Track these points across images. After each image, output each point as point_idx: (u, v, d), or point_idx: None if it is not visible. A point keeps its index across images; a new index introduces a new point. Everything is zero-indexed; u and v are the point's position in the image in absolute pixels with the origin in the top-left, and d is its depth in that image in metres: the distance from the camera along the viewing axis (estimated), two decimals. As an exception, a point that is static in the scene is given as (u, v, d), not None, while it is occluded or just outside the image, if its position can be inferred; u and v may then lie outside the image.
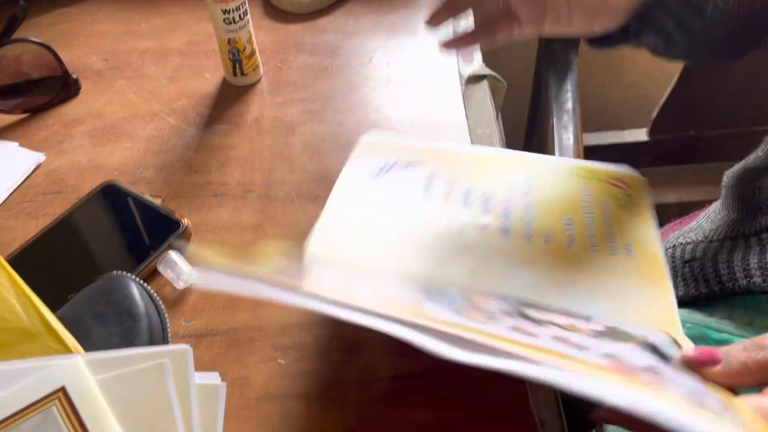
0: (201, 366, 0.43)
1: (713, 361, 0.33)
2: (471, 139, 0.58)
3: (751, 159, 0.58)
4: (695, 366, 0.33)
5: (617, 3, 0.48)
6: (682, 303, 0.51)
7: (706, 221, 0.59)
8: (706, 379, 0.32)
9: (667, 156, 1.14)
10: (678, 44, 0.50)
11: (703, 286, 0.51)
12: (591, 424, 0.51)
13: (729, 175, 0.58)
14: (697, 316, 0.50)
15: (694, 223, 0.60)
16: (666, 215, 1.11)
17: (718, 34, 0.51)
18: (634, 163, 1.16)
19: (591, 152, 1.09)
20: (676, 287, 0.52)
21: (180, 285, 0.47)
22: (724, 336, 0.47)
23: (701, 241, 0.53)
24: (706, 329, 0.48)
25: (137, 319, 0.39)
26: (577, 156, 0.79)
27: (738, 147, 1.11)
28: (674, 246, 0.57)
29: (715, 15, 0.49)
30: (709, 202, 0.69)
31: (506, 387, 0.42)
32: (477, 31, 0.51)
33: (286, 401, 0.41)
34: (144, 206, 0.52)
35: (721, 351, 0.33)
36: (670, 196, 1.15)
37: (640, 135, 1.11)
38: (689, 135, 1.05)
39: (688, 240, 0.55)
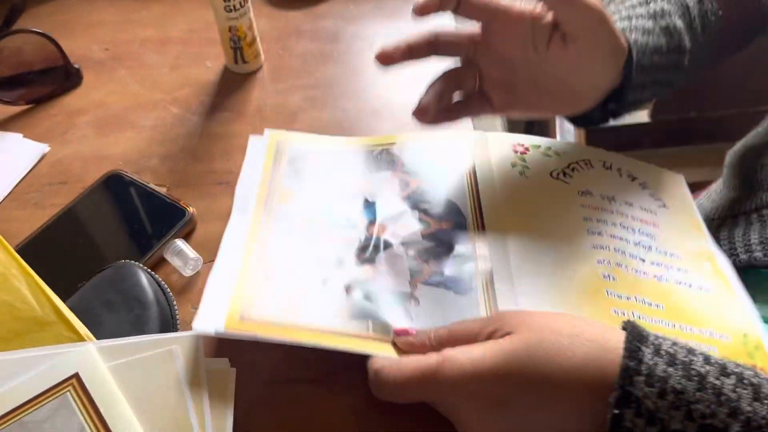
0: (210, 351, 0.44)
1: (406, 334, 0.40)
2: (473, 122, 0.58)
3: (751, 136, 0.58)
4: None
5: (584, 92, 0.49)
6: None
7: (707, 201, 0.59)
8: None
9: (669, 138, 1.14)
10: (672, 86, 0.51)
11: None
12: None
13: (731, 154, 0.58)
14: None
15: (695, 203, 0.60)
16: (668, 197, 1.12)
17: (711, 50, 0.51)
18: (635, 146, 1.16)
19: (592, 134, 1.09)
20: None
21: (187, 272, 0.48)
22: None
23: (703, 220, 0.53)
24: None
25: (146, 307, 0.40)
26: (578, 138, 0.79)
27: (740, 127, 1.11)
28: None
29: (698, 43, 0.49)
30: (711, 182, 0.69)
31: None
32: (452, 110, 0.52)
33: (295, 385, 0.42)
34: (149, 195, 0.52)
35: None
36: (672, 178, 1.15)
37: (642, 116, 1.11)
38: (691, 116, 1.05)
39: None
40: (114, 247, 0.49)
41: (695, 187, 0.70)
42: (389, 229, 0.47)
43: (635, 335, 0.33)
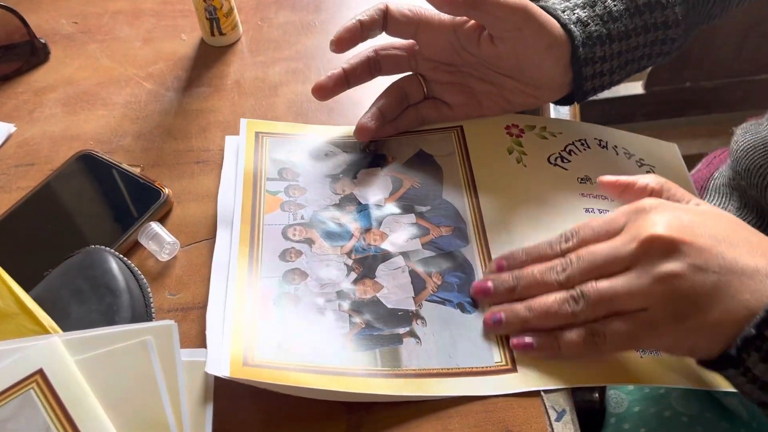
0: (188, 341, 0.41)
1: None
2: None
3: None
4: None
5: (541, 84, 0.48)
6: None
7: (719, 204, 0.56)
8: None
9: (663, 109, 1.11)
10: (664, 57, 0.50)
11: None
12: (601, 418, 0.50)
13: (738, 141, 0.54)
14: None
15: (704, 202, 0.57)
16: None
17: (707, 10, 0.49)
18: (629, 118, 1.14)
19: (585, 107, 1.07)
20: None
21: (163, 257, 0.45)
22: None
23: None
24: None
25: (117, 295, 0.37)
26: (573, 111, 0.77)
27: (736, 98, 1.09)
28: None
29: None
30: (706, 155, 0.67)
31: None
32: (403, 117, 0.51)
33: (279, 374, 0.40)
34: (122, 176, 0.49)
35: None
36: (666, 150, 1.13)
37: (636, 88, 1.09)
38: (686, 86, 1.03)
39: None
40: (85, 231, 0.46)
41: (688, 160, 0.68)
42: (386, 236, 0.45)
43: None
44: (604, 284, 0.36)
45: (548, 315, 0.37)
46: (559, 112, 0.70)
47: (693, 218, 0.35)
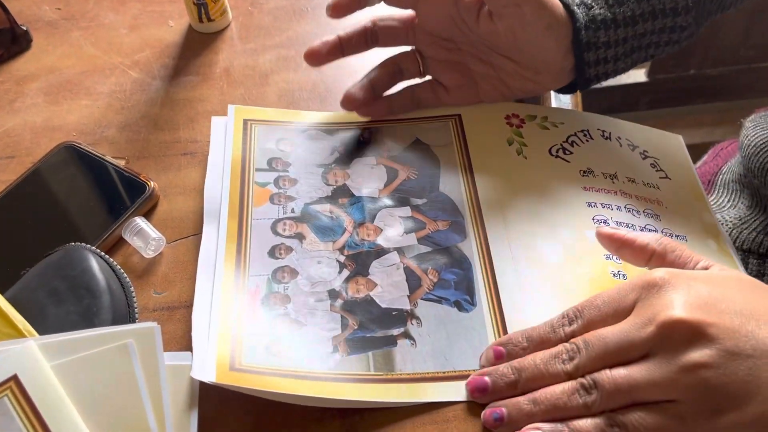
0: (174, 341, 0.40)
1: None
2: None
3: None
4: None
5: (539, 68, 0.46)
6: None
7: (728, 201, 0.53)
8: None
9: (667, 97, 1.09)
10: (677, 44, 0.47)
11: None
12: None
13: (749, 135, 0.51)
14: None
15: (712, 197, 0.54)
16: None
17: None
18: (632, 107, 1.11)
19: (588, 95, 1.04)
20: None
21: (149, 254, 0.43)
22: None
23: None
24: None
25: (97, 296, 0.35)
26: (575, 100, 0.75)
27: (742, 85, 1.06)
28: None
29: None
30: (710, 144, 0.65)
31: (507, 352, 0.38)
32: (396, 97, 0.49)
33: (269, 376, 0.38)
34: (106, 169, 0.47)
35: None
36: (669, 140, 1.11)
37: (639, 76, 1.06)
38: (690, 74, 1.00)
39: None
40: (66, 228, 0.44)
41: (693, 150, 0.66)
42: (380, 231, 0.43)
43: None
44: (620, 372, 0.31)
45: (557, 408, 0.32)
46: (561, 101, 0.68)
47: (713, 292, 0.32)
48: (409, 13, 0.48)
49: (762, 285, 0.34)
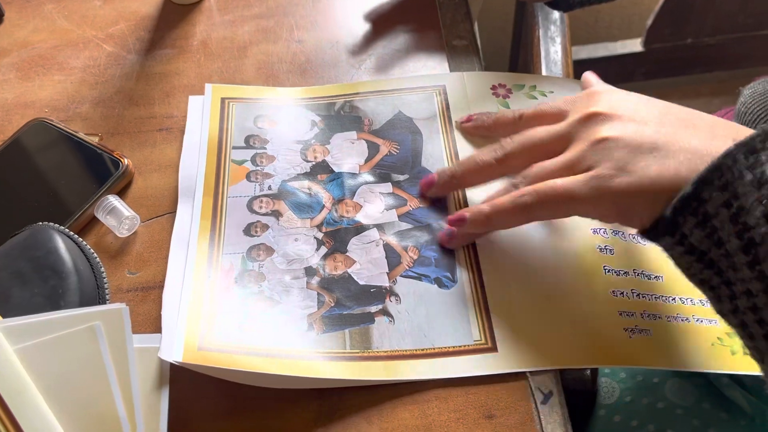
0: (148, 323, 0.39)
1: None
2: (447, 52, 0.51)
3: None
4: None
5: None
6: None
7: None
8: None
9: (663, 67, 1.07)
10: None
11: None
12: (594, 401, 0.47)
13: (746, 102, 0.49)
14: None
15: None
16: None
17: None
18: (627, 77, 1.09)
19: (582, 66, 1.02)
20: None
21: (122, 233, 0.42)
22: None
23: None
24: None
25: (63, 277, 0.34)
26: (566, 70, 0.73)
27: (740, 54, 1.04)
28: None
29: None
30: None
31: (490, 330, 0.37)
32: None
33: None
34: (79, 146, 0.46)
35: None
36: (666, 111, 1.09)
37: (635, 46, 1.04)
38: (687, 43, 0.98)
39: None
40: (37, 207, 0.43)
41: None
42: (360, 207, 0.41)
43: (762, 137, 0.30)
44: (544, 163, 0.36)
45: (500, 205, 0.36)
46: (551, 71, 0.66)
47: (639, 99, 0.36)
48: None
49: (696, 112, 0.35)
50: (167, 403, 0.33)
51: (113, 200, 0.42)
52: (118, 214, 0.42)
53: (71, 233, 0.38)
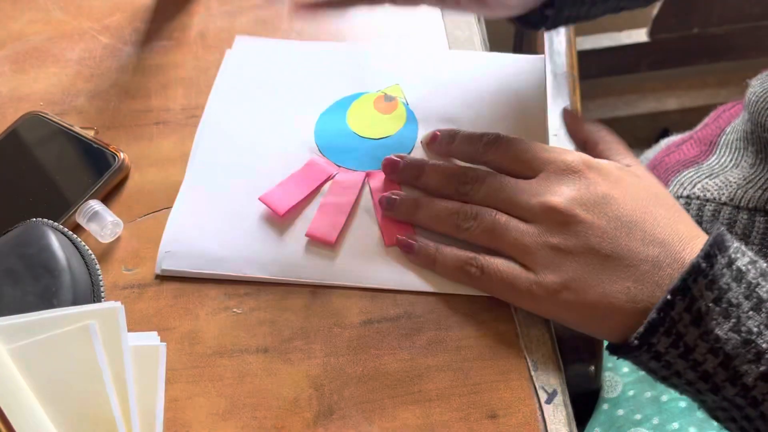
0: (145, 321, 0.38)
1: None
2: (449, 42, 0.50)
3: None
4: None
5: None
6: None
7: (730, 160, 0.50)
8: None
9: (669, 58, 1.05)
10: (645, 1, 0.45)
11: None
12: (589, 362, 0.47)
13: (757, 92, 0.48)
14: None
15: (714, 158, 0.51)
16: (666, 123, 1.05)
17: None
18: (632, 68, 1.07)
19: (586, 57, 1.01)
20: None
21: (106, 239, 0.40)
22: None
23: (725, 203, 0.46)
24: None
25: (56, 275, 0.34)
26: (570, 62, 0.72)
27: (747, 44, 1.02)
28: (689, 197, 0.47)
29: None
30: (713, 106, 0.62)
31: (493, 328, 0.37)
32: None
33: (244, 356, 0.36)
34: (73, 140, 0.45)
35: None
36: (671, 102, 1.08)
37: (640, 36, 1.02)
38: (693, 33, 0.96)
39: (708, 194, 0.46)
40: (30, 203, 0.42)
41: (696, 113, 0.63)
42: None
43: (719, 242, 0.32)
44: (502, 218, 0.35)
45: (433, 218, 0.37)
46: (555, 63, 0.65)
47: (610, 192, 0.35)
48: None
49: (663, 199, 0.35)
50: (163, 403, 0.32)
51: (95, 205, 0.41)
52: (100, 219, 0.40)
53: (65, 229, 0.37)
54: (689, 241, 0.33)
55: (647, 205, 0.34)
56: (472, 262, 0.35)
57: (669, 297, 0.31)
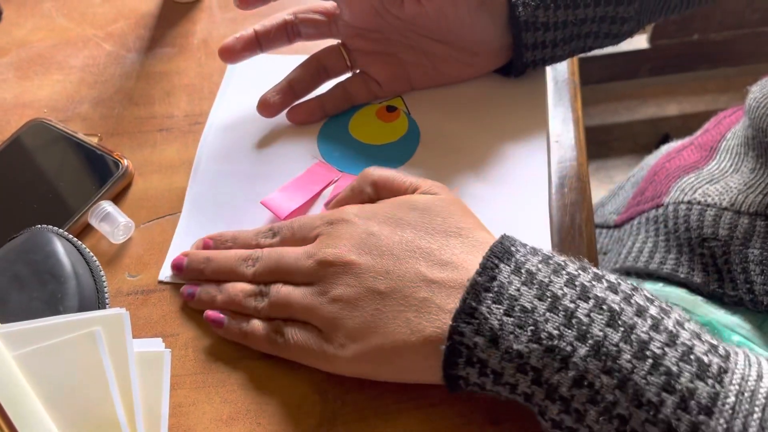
0: (149, 327, 0.38)
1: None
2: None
3: None
4: None
5: (476, 50, 0.44)
6: (699, 291, 0.44)
7: (731, 166, 0.51)
8: None
9: (669, 64, 1.06)
10: (616, 38, 0.46)
11: (729, 287, 0.43)
12: None
13: (757, 98, 0.49)
14: (716, 311, 0.42)
15: (714, 163, 0.51)
16: (667, 129, 1.05)
17: None
18: (633, 74, 1.08)
19: (587, 63, 1.01)
20: (692, 267, 0.45)
21: (118, 239, 0.41)
22: (744, 342, 0.40)
23: (726, 208, 0.45)
24: (723, 329, 0.41)
25: (62, 281, 0.34)
26: (571, 68, 0.72)
27: (747, 51, 1.03)
28: (690, 203, 0.47)
29: None
30: (714, 112, 0.62)
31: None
32: (328, 96, 0.46)
33: (248, 362, 0.36)
34: (77, 147, 0.45)
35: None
36: (671, 108, 1.08)
37: (641, 42, 1.03)
38: (693, 39, 0.97)
39: (709, 199, 0.46)
40: (35, 209, 0.42)
41: (696, 118, 0.63)
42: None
43: (499, 251, 0.31)
44: (284, 289, 0.35)
45: (234, 303, 0.37)
46: (555, 68, 0.65)
47: (379, 231, 0.34)
48: (330, 4, 0.45)
49: (442, 218, 0.34)
50: (168, 409, 0.32)
51: (107, 206, 0.41)
52: (112, 220, 0.41)
53: (70, 236, 0.37)
54: (478, 260, 0.31)
55: (422, 230, 0.34)
56: (276, 329, 0.35)
57: (452, 323, 0.29)
